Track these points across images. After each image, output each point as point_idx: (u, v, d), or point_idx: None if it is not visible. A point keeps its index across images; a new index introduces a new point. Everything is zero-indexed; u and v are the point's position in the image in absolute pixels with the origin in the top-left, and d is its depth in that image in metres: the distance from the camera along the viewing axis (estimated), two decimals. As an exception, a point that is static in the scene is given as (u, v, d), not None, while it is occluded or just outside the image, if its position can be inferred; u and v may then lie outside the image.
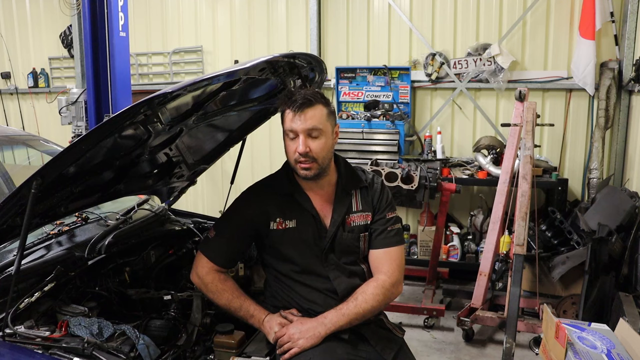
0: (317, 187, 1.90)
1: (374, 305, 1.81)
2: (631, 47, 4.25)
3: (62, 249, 1.95)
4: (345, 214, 1.90)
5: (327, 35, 5.18)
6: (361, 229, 1.91)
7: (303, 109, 1.75)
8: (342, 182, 1.92)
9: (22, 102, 6.20)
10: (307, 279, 1.87)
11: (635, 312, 2.85)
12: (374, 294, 1.81)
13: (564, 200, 4.21)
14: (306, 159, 1.77)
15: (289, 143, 1.81)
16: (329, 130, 1.81)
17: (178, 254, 2.38)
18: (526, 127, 3.35)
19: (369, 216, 1.93)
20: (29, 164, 2.97)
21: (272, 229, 1.87)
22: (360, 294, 1.82)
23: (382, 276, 1.86)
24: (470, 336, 3.61)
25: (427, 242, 4.50)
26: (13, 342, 1.50)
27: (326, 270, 1.87)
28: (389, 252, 1.90)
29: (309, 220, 1.88)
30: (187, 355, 1.77)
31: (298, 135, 1.77)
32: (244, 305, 1.84)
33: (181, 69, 5.71)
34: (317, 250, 1.87)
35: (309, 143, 1.77)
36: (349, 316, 1.77)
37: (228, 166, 4.41)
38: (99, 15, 4.23)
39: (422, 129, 4.94)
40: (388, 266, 1.88)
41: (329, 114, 1.81)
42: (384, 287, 1.83)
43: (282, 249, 1.88)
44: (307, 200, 1.89)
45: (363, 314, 1.79)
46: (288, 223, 1.87)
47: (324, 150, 1.80)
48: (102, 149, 1.68)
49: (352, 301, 1.80)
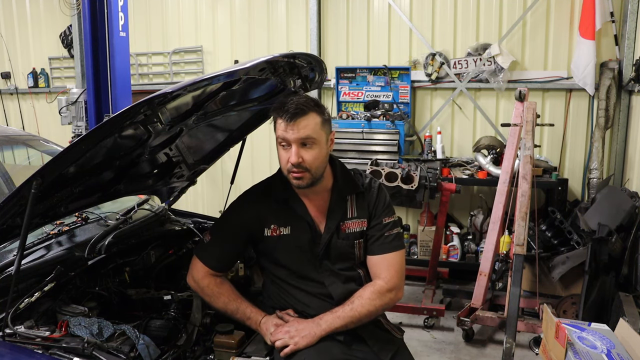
0: (312, 193, 1.87)
1: (370, 310, 1.79)
2: (631, 47, 4.25)
3: (62, 249, 1.95)
4: (340, 221, 1.88)
5: (327, 35, 5.18)
6: (356, 236, 1.89)
7: (295, 119, 1.70)
8: (337, 187, 1.89)
9: (22, 102, 6.20)
10: (302, 284, 1.87)
11: (635, 312, 2.85)
12: (370, 298, 1.80)
13: (564, 200, 4.21)
14: (299, 169, 1.74)
15: (281, 152, 1.77)
16: (322, 139, 1.77)
17: (178, 254, 2.38)
18: (526, 127, 3.35)
19: (364, 222, 1.90)
20: (29, 164, 2.97)
21: (267, 235, 1.87)
22: (357, 298, 1.80)
23: (380, 282, 1.85)
24: (470, 336, 3.61)
25: (427, 242, 4.50)
26: (13, 342, 1.50)
27: (321, 276, 1.86)
28: (386, 258, 1.88)
29: (304, 226, 1.86)
30: (187, 355, 1.77)
31: (290, 144, 1.73)
32: (241, 308, 1.84)
33: (181, 69, 5.71)
34: (311, 256, 1.86)
35: (301, 153, 1.72)
36: (344, 319, 1.76)
37: (228, 166, 4.40)
38: (99, 15, 4.24)
39: (422, 129, 4.94)
40: (386, 272, 1.86)
41: (323, 122, 1.76)
42: (381, 293, 1.82)
43: (276, 255, 1.87)
44: (302, 207, 1.87)
45: (359, 318, 1.78)
46: (282, 230, 1.86)
47: (317, 160, 1.75)
48: (102, 149, 1.68)
49: (349, 304, 1.79)
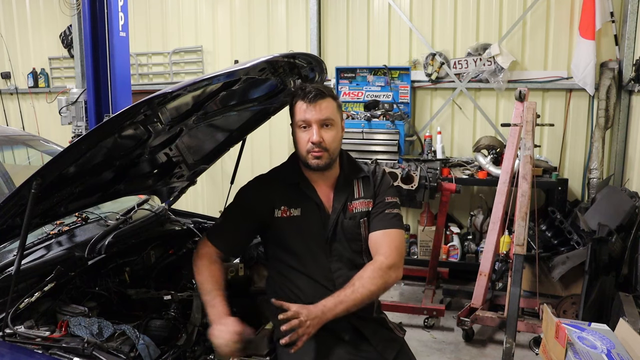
0: (321, 180, 1.93)
1: (372, 290, 1.76)
2: (631, 47, 4.25)
3: (62, 249, 1.95)
4: (347, 201, 1.92)
5: (327, 35, 5.18)
6: (362, 215, 1.92)
7: (316, 100, 1.80)
8: (344, 173, 1.95)
9: (22, 102, 6.20)
10: (309, 270, 1.86)
11: (635, 312, 2.85)
12: (372, 277, 1.77)
13: (564, 200, 4.21)
14: (319, 149, 1.81)
15: (300, 134, 1.85)
16: (339, 122, 1.88)
17: (178, 254, 2.38)
18: (526, 127, 3.35)
19: (370, 203, 1.94)
20: (29, 164, 2.97)
21: (277, 216, 1.88)
22: (357, 279, 1.77)
23: (380, 257, 1.83)
24: (470, 336, 3.61)
25: (427, 242, 4.50)
26: (13, 342, 1.50)
27: (329, 261, 1.88)
28: (387, 233, 1.89)
29: (313, 208, 1.90)
30: (187, 355, 1.77)
31: (311, 125, 1.81)
32: (213, 293, 1.78)
33: (181, 69, 5.71)
34: (320, 239, 1.88)
35: (322, 133, 1.82)
36: (345, 303, 1.71)
37: (228, 166, 4.40)
38: (99, 15, 4.23)
39: (422, 129, 4.94)
40: (386, 247, 1.86)
41: (338, 107, 1.88)
42: (382, 269, 1.79)
43: (286, 237, 1.89)
44: (312, 190, 1.91)
45: (362, 299, 1.74)
46: (293, 211, 1.89)
47: (335, 141, 1.85)
48: (102, 149, 1.68)
49: (350, 287, 1.74)
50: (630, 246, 3.34)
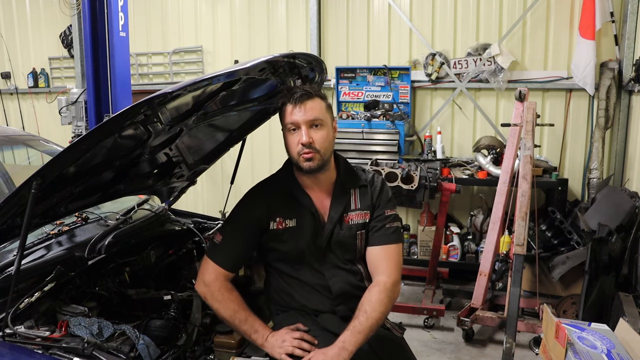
0: (316, 186, 1.90)
1: (383, 311, 1.78)
2: (631, 47, 4.25)
3: (62, 249, 1.95)
4: (343, 212, 1.90)
5: (327, 35, 5.18)
6: (359, 227, 1.91)
7: (303, 100, 1.78)
8: (340, 180, 1.92)
9: (22, 102, 6.19)
10: (303, 275, 1.87)
11: (635, 312, 2.85)
12: (380, 299, 1.78)
13: (564, 200, 4.21)
14: (309, 150, 1.78)
15: (290, 137, 1.82)
16: (329, 122, 1.85)
17: (178, 254, 2.38)
18: (526, 127, 3.35)
19: (367, 214, 1.92)
20: (29, 164, 2.97)
21: (272, 228, 1.87)
22: (366, 304, 1.77)
23: (383, 277, 1.84)
24: (470, 336, 3.61)
25: (427, 242, 4.50)
26: (13, 342, 1.50)
27: (323, 268, 1.87)
28: (387, 249, 1.88)
29: (309, 217, 1.88)
30: (187, 355, 1.77)
31: (300, 127, 1.79)
32: (250, 320, 1.79)
33: (181, 69, 5.71)
34: (314, 248, 1.87)
35: (311, 134, 1.79)
36: (364, 332, 1.71)
37: (228, 166, 4.40)
38: (99, 15, 4.23)
39: (422, 129, 4.94)
40: (387, 265, 1.86)
41: (327, 107, 1.86)
42: (387, 289, 1.81)
43: (281, 247, 1.88)
44: (307, 198, 1.89)
45: (376, 323, 1.75)
46: (288, 222, 1.87)
47: (326, 141, 1.82)
48: (102, 149, 1.68)
49: (362, 314, 1.74)
50: (630, 246, 3.34)
